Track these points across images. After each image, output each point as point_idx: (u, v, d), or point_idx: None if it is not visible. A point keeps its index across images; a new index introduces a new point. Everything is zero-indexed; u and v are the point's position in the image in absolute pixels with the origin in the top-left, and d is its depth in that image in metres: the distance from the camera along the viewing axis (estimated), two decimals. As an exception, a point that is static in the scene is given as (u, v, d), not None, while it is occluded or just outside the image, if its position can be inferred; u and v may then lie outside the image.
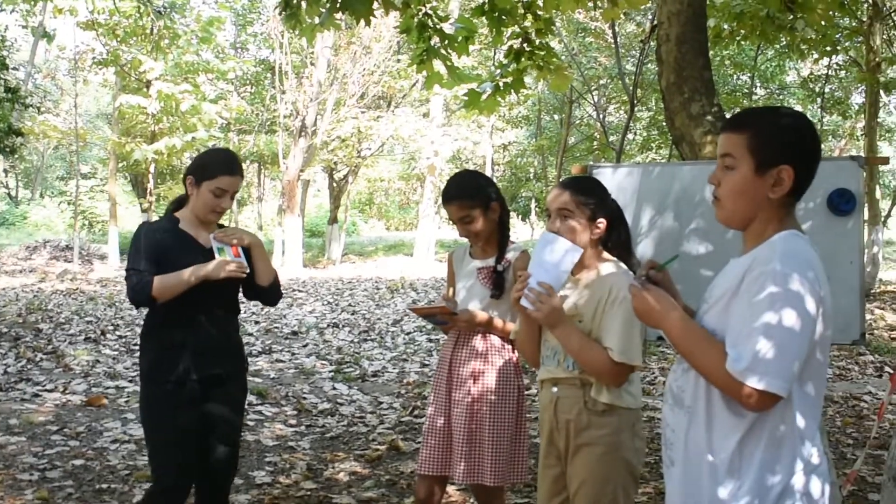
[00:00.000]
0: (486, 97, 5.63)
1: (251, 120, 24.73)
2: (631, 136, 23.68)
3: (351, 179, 26.53)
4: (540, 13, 5.51)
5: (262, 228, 25.42)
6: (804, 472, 1.95)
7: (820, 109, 19.60)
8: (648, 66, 16.33)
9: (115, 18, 20.01)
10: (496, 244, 3.56)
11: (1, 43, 17.46)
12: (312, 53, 21.97)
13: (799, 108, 21.08)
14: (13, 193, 44.55)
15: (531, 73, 5.75)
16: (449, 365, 3.54)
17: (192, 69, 21.18)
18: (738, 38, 8.66)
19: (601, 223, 2.86)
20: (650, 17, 14.95)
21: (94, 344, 9.62)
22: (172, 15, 20.62)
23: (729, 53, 17.54)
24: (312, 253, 26.74)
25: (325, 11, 4.62)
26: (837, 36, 12.29)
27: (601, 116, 23.12)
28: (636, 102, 14.48)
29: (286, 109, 22.17)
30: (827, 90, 19.22)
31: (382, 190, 38.01)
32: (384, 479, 5.15)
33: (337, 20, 4.69)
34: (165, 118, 20.69)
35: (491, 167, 28.43)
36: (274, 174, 27.24)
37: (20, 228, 34.42)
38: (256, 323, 11.60)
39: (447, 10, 19.13)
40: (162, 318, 3.28)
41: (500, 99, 5.71)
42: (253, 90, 25.63)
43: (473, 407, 3.44)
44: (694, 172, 4.11)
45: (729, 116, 2.34)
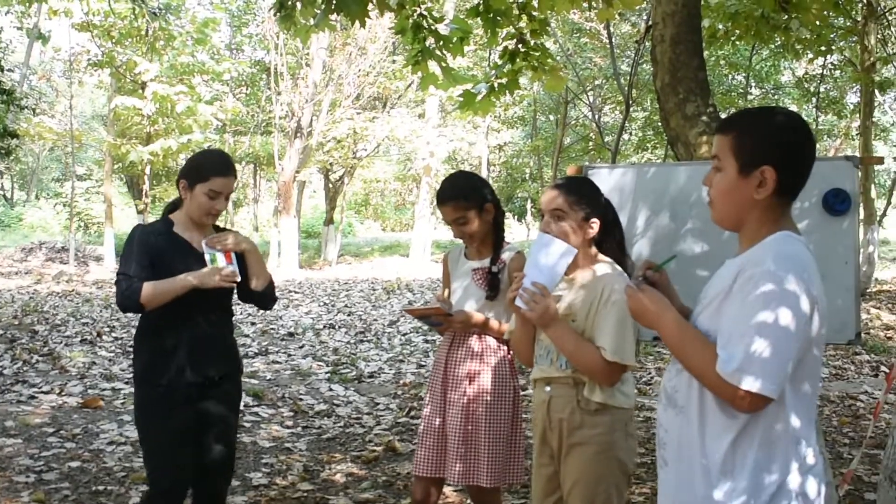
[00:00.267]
0: (481, 98, 5.64)
1: (247, 121, 24.73)
2: (626, 136, 23.71)
3: (347, 180, 26.53)
4: (535, 14, 5.51)
5: (257, 230, 25.40)
6: (799, 472, 1.95)
7: (815, 109, 19.66)
8: (644, 66, 16.32)
9: (110, 20, 20.02)
10: (491, 245, 3.56)
11: (-4, 45, 17.44)
12: (308, 54, 21.97)
13: (794, 107, 21.12)
14: (8, 195, 44.44)
15: (526, 73, 5.75)
16: (444, 366, 3.54)
17: (187, 70, 21.16)
18: (732, 38, 8.65)
19: (594, 224, 2.86)
20: (645, 17, 14.95)
21: (90, 346, 9.60)
22: (167, 16, 20.59)
23: (724, 53, 17.56)
24: (308, 254, 26.73)
25: (319, 12, 4.62)
26: (832, 36, 12.30)
27: (596, 117, 23.16)
28: (631, 103, 14.49)
29: (282, 110, 22.16)
30: (822, 90, 19.26)
31: (378, 191, 38.03)
32: (381, 480, 5.15)
33: (332, 21, 4.69)
34: (161, 120, 20.69)
35: (487, 168, 28.45)
36: (270, 175, 27.24)
37: (16, 230, 34.33)
38: (252, 324, 11.59)
39: (442, 11, 19.09)
40: (156, 321, 3.26)
41: (495, 100, 5.72)
42: (248, 91, 25.63)
43: (469, 408, 3.44)
44: (689, 173, 4.10)
45: (724, 117, 2.35)
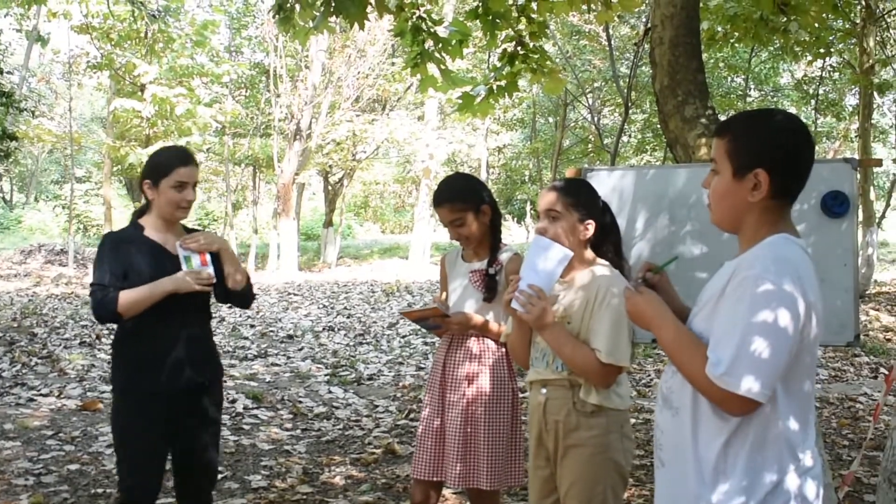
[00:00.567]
0: (480, 100, 5.64)
1: (246, 123, 24.71)
2: (625, 138, 23.72)
3: (346, 183, 26.54)
4: (534, 16, 5.52)
5: (257, 232, 25.35)
6: (797, 474, 1.95)
7: (814, 111, 19.67)
8: (643, 68, 16.32)
9: (109, 22, 20.00)
10: (488, 247, 3.55)
11: (-5, 47, 17.44)
12: (307, 57, 21.98)
13: (793, 110, 21.12)
14: (8, 197, 44.43)
15: (525, 76, 5.75)
16: (443, 367, 3.53)
17: (186, 73, 21.14)
18: (731, 40, 8.66)
19: (590, 226, 2.87)
20: (644, 19, 14.96)
21: (89, 348, 9.60)
22: (167, 19, 20.61)
23: (723, 56, 17.56)
24: (308, 256, 26.72)
25: (318, 15, 4.62)
26: (831, 38, 12.29)
27: (596, 119, 23.16)
28: (630, 105, 14.49)
29: (281, 113, 22.17)
30: (821, 92, 19.27)
31: (378, 193, 37.97)
32: (380, 482, 5.15)
33: (331, 23, 4.69)
34: (160, 122, 20.66)
35: (486, 170, 28.45)
36: (269, 178, 27.22)
37: (15, 232, 34.33)
38: (252, 326, 11.59)
39: (441, 13, 19.14)
40: (134, 327, 3.22)
41: (494, 102, 5.72)
42: (248, 94, 25.60)
43: (468, 410, 3.43)
44: (688, 175, 4.11)
45: (722, 120, 2.36)
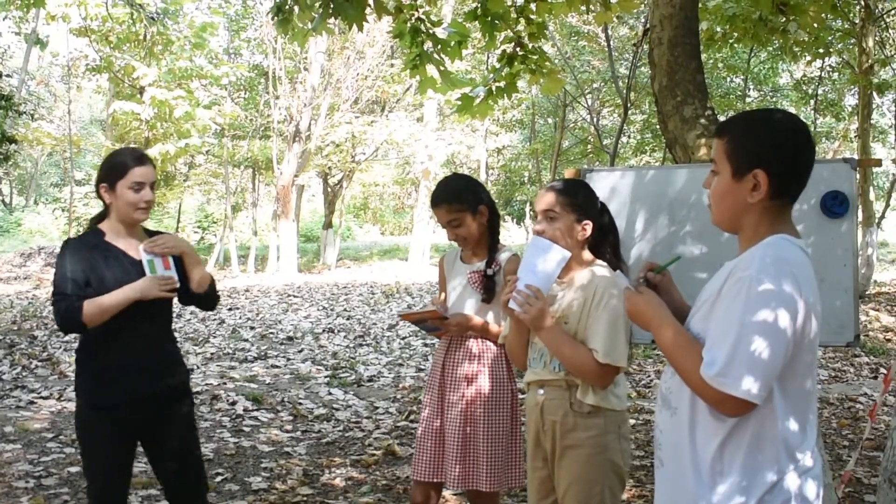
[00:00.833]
0: (479, 101, 5.64)
1: (245, 125, 24.69)
2: (625, 139, 23.70)
3: (345, 184, 26.52)
4: (533, 17, 5.52)
5: (256, 234, 25.34)
6: (797, 474, 1.95)
7: (813, 111, 19.66)
8: (641, 69, 16.32)
9: (108, 25, 19.98)
10: (486, 248, 3.55)
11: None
12: (306, 58, 21.97)
13: (792, 110, 21.10)
14: (7, 200, 44.42)
15: (524, 77, 5.75)
16: (442, 368, 3.54)
17: (185, 75, 21.13)
18: (730, 40, 8.66)
19: (587, 226, 2.87)
20: (643, 20, 14.97)
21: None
22: (165, 21, 20.58)
23: (722, 56, 17.53)
24: (307, 258, 26.71)
25: (317, 16, 4.62)
26: (830, 38, 12.29)
27: (595, 120, 23.15)
28: (629, 106, 14.49)
29: (280, 115, 22.16)
30: (820, 92, 19.26)
31: (377, 194, 37.94)
32: (380, 484, 5.15)
33: (329, 25, 4.69)
34: (159, 124, 20.65)
35: (485, 171, 28.44)
36: (268, 179, 27.18)
37: (14, 235, 34.30)
38: (252, 328, 11.59)
39: (440, 14, 19.14)
40: (96, 336, 3.15)
41: (493, 103, 5.72)
42: (247, 96, 25.58)
43: (467, 411, 3.43)
44: (688, 175, 4.11)
45: (722, 120, 2.36)
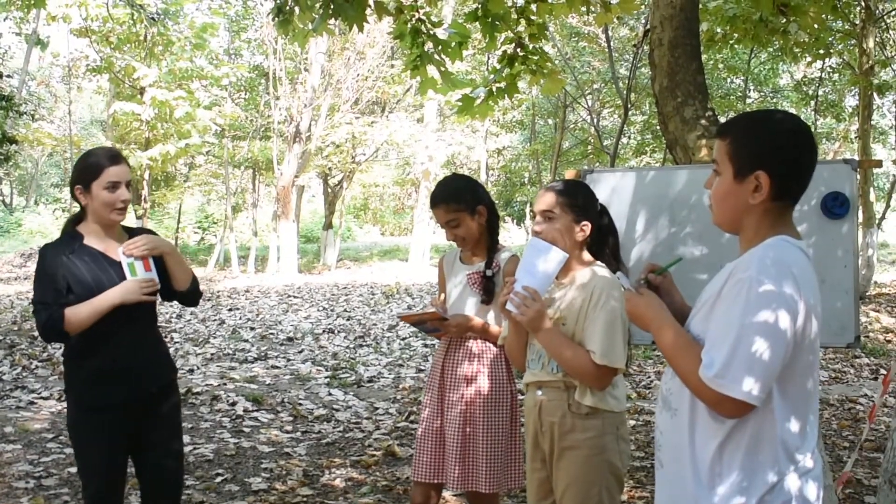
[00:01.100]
0: (479, 102, 5.63)
1: (245, 126, 24.69)
2: (625, 140, 23.71)
3: (346, 185, 26.51)
4: (533, 18, 5.51)
5: (257, 234, 25.32)
6: (797, 475, 1.95)
7: (813, 112, 19.66)
8: (642, 70, 16.33)
9: (108, 25, 19.98)
10: (485, 248, 3.55)
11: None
12: (306, 59, 21.96)
13: (793, 111, 21.11)
14: (8, 201, 44.43)
15: (524, 77, 5.75)
16: (441, 369, 3.53)
17: (185, 75, 21.13)
18: (731, 41, 8.66)
19: (585, 227, 2.87)
20: (643, 21, 14.97)
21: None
22: (166, 22, 20.58)
23: (722, 57, 17.56)
24: (307, 258, 26.71)
25: (317, 17, 4.62)
26: (830, 39, 12.31)
27: (595, 121, 23.15)
28: (630, 106, 14.50)
29: (280, 115, 22.16)
30: (820, 93, 19.26)
31: (377, 195, 37.94)
32: (380, 484, 5.14)
33: (330, 26, 4.69)
34: (159, 125, 20.65)
35: (486, 172, 28.44)
36: (268, 180, 27.17)
37: (15, 236, 34.32)
38: (252, 329, 11.59)
39: (440, 15, 19.15)
40: (80, 342, 3.14)
41: (493, 104, 5.72)
42: (247, 96, 25.58)
43: (467, 412, 3.43)
44: (688, 176, 4.11)
45: (724, 121, 2.35)
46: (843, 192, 3.75)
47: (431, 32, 5.22)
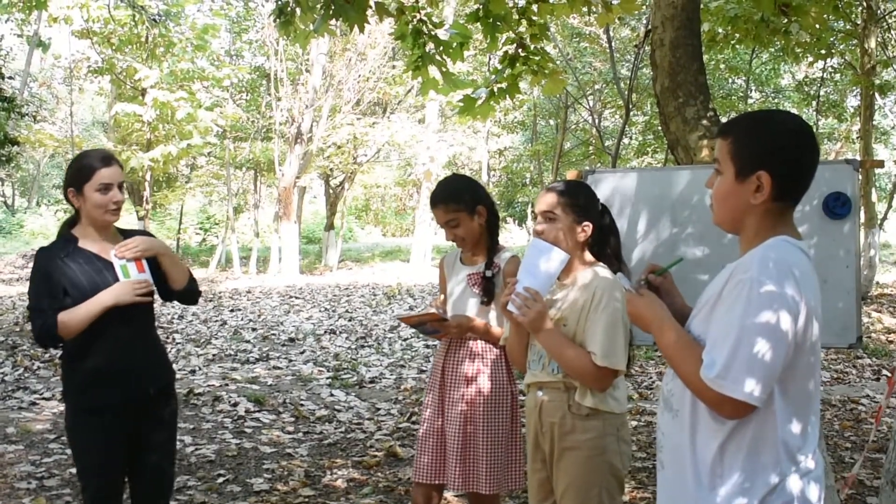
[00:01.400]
0: (481, 103, 5.64)
1: (247, 127, 24.68)
2: (626, 140, 23.71)
3: (347, 186, 26.51)
4: (534, 18, 5.52)
5: (258, 235, 25.32)
6: (798, 476, 1.95)
7: (815, 113, 19.65)
8: (643, 70, 16.33)
9: (109, 27, 19.98)
10: (485, 249, 3.55)
11: (-4, 52, 17.44)
12: (307, 60, 21.97)
13: (795, 111, 21.08)
14: (10, 202, 44.48)
15: (526, 78, 5.76)
16: (442, 369, 3.53)
17: (187, 77, 21.12)
18: (732, 41, 8.67)
19: (587, 227, 2.87)
20: (644, 21, 14.96)
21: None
22: (167, 23, 20.57)
23: (724, 57, 17.56)
24: (309, 259, 26.72)
25: (319, 18, 4.63)
26: (832, 39, 12.30)
27: (597, 121, 23.15)
28: (631, 107, 14.49)
29: (282, 116, 22.16)
30: (822, 93, 19.25)
31: (379, 196, 37.98)
32: (382, 485, 5.14)
33: (331, 27, 4.69)
34: (161, 126, 20.65)
35: (487, 172, 28.45)
36: (270, 181, 27.19)
37: (17, 237, 34.36)
38: (253, 330, 11.59)
39: (441, 16, 19.16)
40: (76, 344, 3.13)
41: (495, 104, 5.72)
42: (248, 97, 25.58)
43: (467, 412, 3.43)
44: (690, 177, 4.11)
45: (726, 121, 2.35)
46: (844, 192, 3.75)
47: (433, 33, 5.22)
